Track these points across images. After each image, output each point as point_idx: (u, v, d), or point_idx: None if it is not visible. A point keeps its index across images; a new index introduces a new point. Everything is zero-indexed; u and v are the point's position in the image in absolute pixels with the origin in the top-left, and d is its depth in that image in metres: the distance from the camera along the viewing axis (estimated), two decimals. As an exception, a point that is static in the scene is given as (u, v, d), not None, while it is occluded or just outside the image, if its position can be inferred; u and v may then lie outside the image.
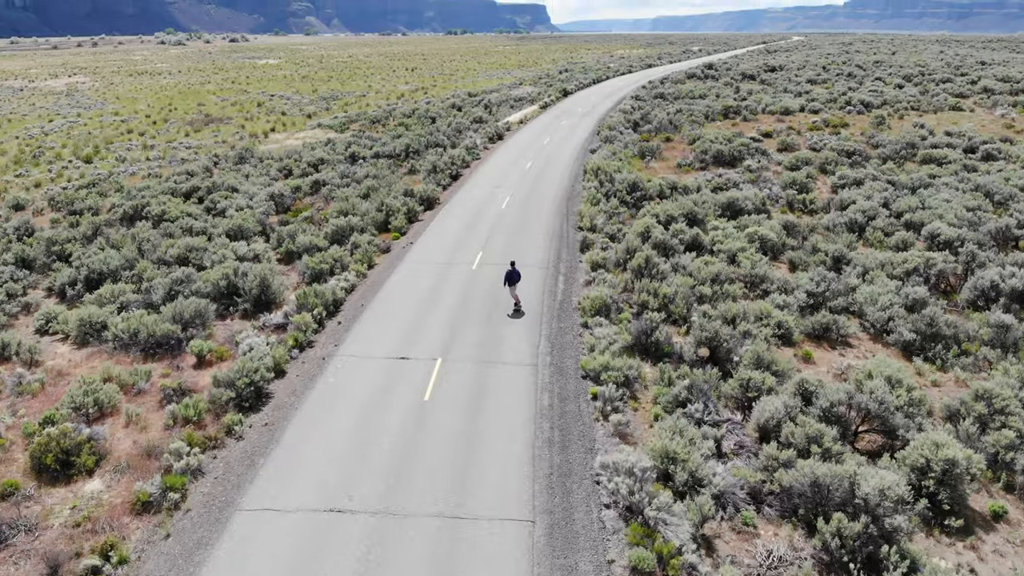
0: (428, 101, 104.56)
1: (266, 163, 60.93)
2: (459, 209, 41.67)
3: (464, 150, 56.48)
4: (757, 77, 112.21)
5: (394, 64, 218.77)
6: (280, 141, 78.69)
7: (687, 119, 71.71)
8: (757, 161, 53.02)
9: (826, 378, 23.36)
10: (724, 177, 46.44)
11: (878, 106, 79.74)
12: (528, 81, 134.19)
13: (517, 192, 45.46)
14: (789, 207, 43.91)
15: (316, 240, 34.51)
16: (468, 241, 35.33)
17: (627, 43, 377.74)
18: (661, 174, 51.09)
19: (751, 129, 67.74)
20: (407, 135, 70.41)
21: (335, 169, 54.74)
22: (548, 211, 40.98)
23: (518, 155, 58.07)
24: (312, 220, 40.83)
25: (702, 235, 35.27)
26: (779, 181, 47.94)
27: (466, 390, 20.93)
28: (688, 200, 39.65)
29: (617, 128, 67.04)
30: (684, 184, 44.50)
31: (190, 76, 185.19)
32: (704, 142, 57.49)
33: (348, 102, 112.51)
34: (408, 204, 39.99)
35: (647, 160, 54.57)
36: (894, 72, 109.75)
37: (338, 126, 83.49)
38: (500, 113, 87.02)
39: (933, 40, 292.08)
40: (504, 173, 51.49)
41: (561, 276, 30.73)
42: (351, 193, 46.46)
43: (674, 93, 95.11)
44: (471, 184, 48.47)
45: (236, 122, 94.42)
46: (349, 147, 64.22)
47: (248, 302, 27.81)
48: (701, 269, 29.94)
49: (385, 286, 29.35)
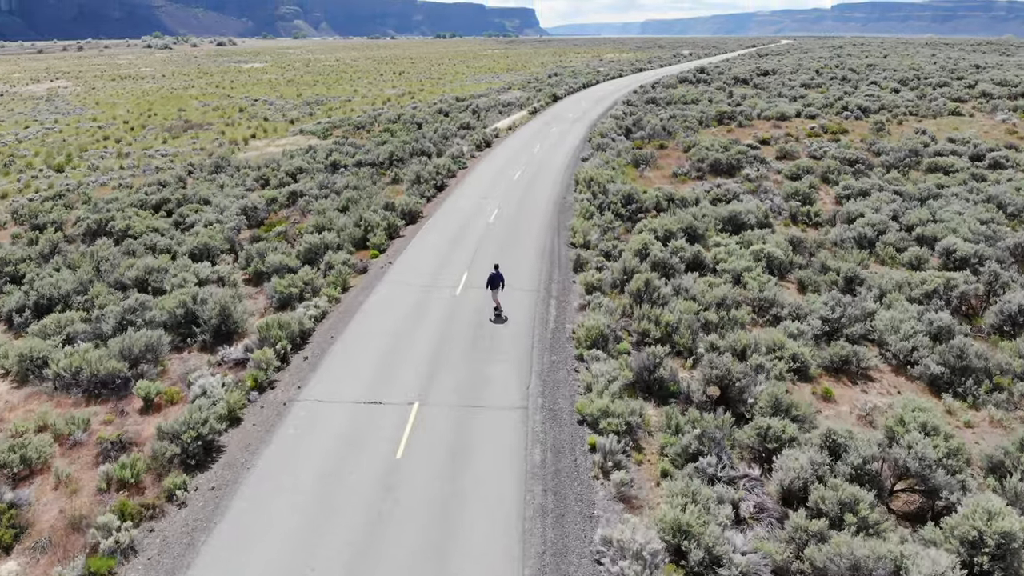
0: (415, 106, 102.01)
1: (243, 172, 58.23)
2: (444, 223, 39.07)
3: (450, 159, 53.92)
4: (750, 81, 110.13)
5: (381, 68, 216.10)
6: (260, 148, 75.97)
7: (681, 125, 69.45)
8: (756, 170, 50.73)
9: (849, 420, 20.97)
10: (723, 188, 44.10)
11: (876, 111, 77.73)
12: (517, 85, 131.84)
13: (506, 204, 42.93)
14: (792, 220, 41.61)
15: (287, 260, 31.88)
16: (452, 260, 32.72)
17: (616, 47, 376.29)
18: (657, 184, 48.71)
19: (747, 135, 65.51)
20: (392, 141, 67.86)
21: (314, 179, 52.12)
22: (538, 226, 38.45)
23: (507, 163, 55.58)
24: (286, 236, 38.21)
25: (704, 252, 32.86)
26: (780, 192, 45.64)
27: (445, 443, 18.33)
28: (687, 214, 37.25)
29: (609, 135, 64.67)
30: (682, 195, 42.12)
31: (173, 80, 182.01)
32: (700, 150, 55.17)
33: (333, 107, 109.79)
34: (389, 219, 37.36)
35: (641, 169, 52.21)
36: (889, 76, 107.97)
37: (321, 132, 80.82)
38: (488, 119, 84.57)
39: (922, 43, 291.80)
40: (492, 183, 48.98)
41: (553, 300, 28.18)
42: (329, 205, 43.85)
43: (666, 98, 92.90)
44: (457, 195, 45.92)
45: (216, 128, 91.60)
46: (330, 155, 61.58)
47: (207, 333, 25.17)
48: (705, 292, 27.51)
49: (359, 314, 26.68)
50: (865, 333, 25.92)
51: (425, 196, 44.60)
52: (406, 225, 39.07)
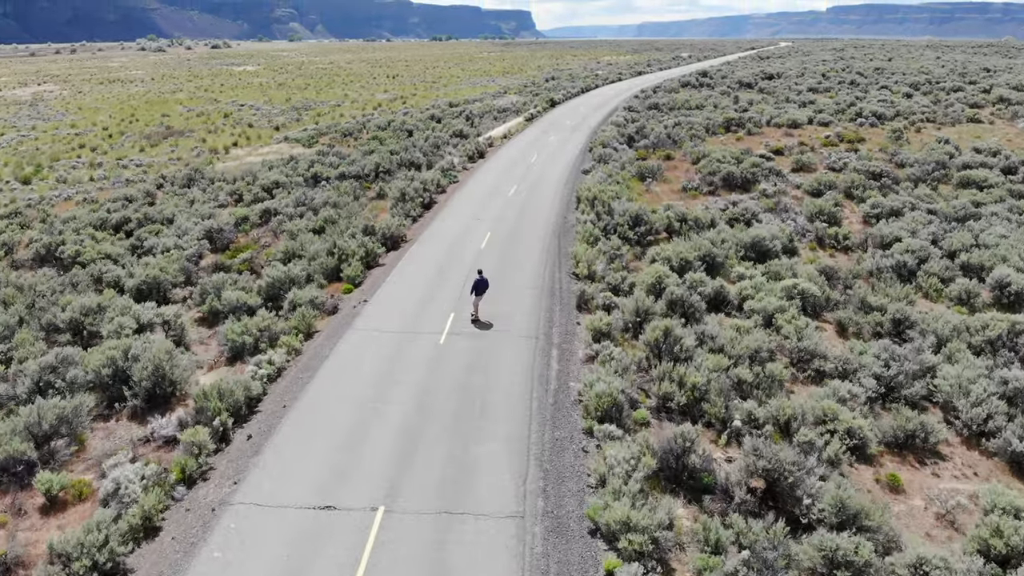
0: (406, 112, 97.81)
1: (217, 185, 53.96)
2: (429, 250, 34.73)
3: (440, 172, 49.64)
4: (755, 85, 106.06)
5: (375, 71, 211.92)
6: (241, 158, 71.71)
7: (687, 133, 65.34)
8: (773, 184, 46.59)
9: (926, 520, 16.82)
10: (740, 206, 39.93)
11: (891, 118, 73.72)
12: (513, 90, 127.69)
13: (499, 226, 38.68)
14: (819, 243, 37.47)
15: (247, 297, 27.63)
16: (437, 298, 28.37)
17: (613, 49, 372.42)
18: (665, 200, 44.55)
19: (758, 144, 61.41)
20: (379, 151, 63.66)
21: (292, 194, 47.88)
22: (536, 252, 34.19)
23: (501, 177, 51.35)
24: (252, 264, 33.94)
25: (726, 286, 28.70)
26: (802, 210, 41.51)
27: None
28: (704, 239, 33.07)
29: (611, 144, 60.52)
30: (695, 215, 37.94)
31: (162, 84, 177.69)
32: (711, 162, 51.04)
33: (321, 112, 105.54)
34: (367, 245, 32.98)
35: (648, 183, 48.04)
36: (899, 80, 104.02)
37: (306, 140, 76.58)
38: (483, 125, 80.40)
39: (923, 45, 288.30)
40: (485, 200, 44.71)
41: (555, 349, 23.90)
42: (304, 226, 39.62)
43: (669, 103, 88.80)
44: (446, 214, 41.64)
45: (198, 135, 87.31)
46: (312, 166, 57.33)
47: (139, 397, 20.93)
48: (735, 341, 23.32)
49: (321, 372, 22.25)
50: (928, 394, 21.79)
51: (411, 216, 40.30)
52: (387, 251, 34.66)
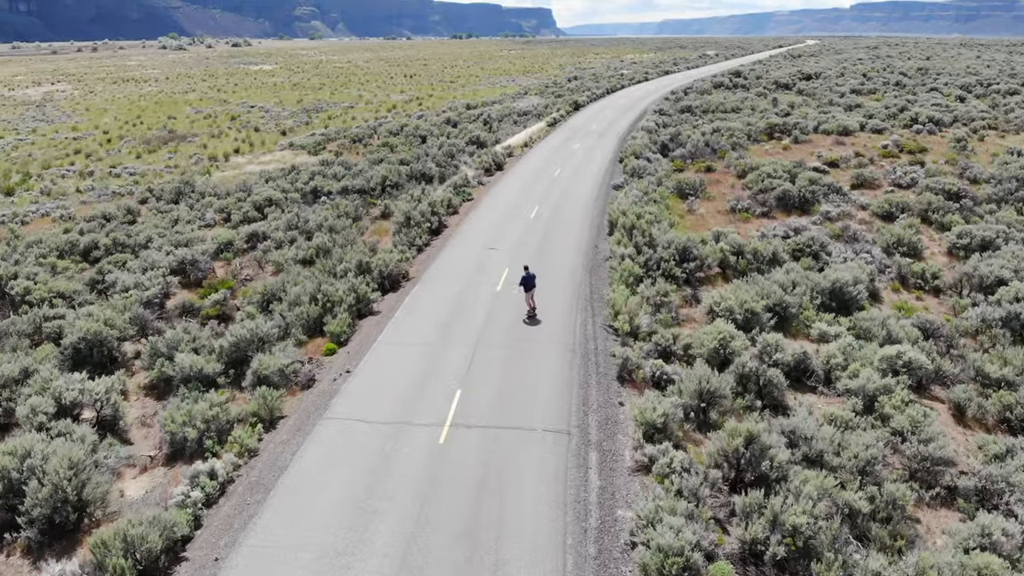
0: (420, 115, 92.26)
1: (206, 201, 48.68)
2: (434, 293, 28.79)
3: (452, 190, 43.87)
4: (793, 86, 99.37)
5: (392, 70, 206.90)
6: (241, 166, 66.55)
7: (727, 141, 59.17)
8: (836, 205, 40.42)
9: None
10: (804, 235, 33.79)
11: (949, 124, 67.06)
12: (534, 90, 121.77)
13: (519, 258, 32.78)
14: (901, 282, 31.33)
15: (205, 362, 22.06)
16: (440, 367, 22.31)
17: (636, 47, 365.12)
18: (712, 223, 38.55)
19: (809, 155, 55.14)
20: (389, 160, 58.14)
21: (286, 213, 42.41)
22: (563, 297, 28.31)
23: (521, 194, 45.48)
24: (224, 307, 28.43)
25: (808, 350, 22.71)
26: (875, 238, 35.38)
27: None
28: (771, 283, 27.06)
29: (643, 155, 54.51)
30: (753, 247, 31.91)
31: (176, 84, 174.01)
32: (760, 176, 44.94)
33: (332, 115, 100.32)
34: (358, 290, 27.18)
35: (690, 202, 42.02)
36: (948, 82, 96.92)
37: (312, 147, 71.24)
38: (501, 130, 74.65)
39: (957, 43, 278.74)
40: (502, 224, 38.88)
41: (593, 451, 17.98)
42: (292, 256, 34.09)
43: (702, 106, 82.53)
44: (457, 242, 35.84)
45: (200, 140, 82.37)
46: (313, 178, 51.88)
47: (35, 527, 15.40)
48: (837, 443, 17.39)
49: (275, 495, 16.23)
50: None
51: (416, 244, 34.51)
52: (383, 295, 28.86)
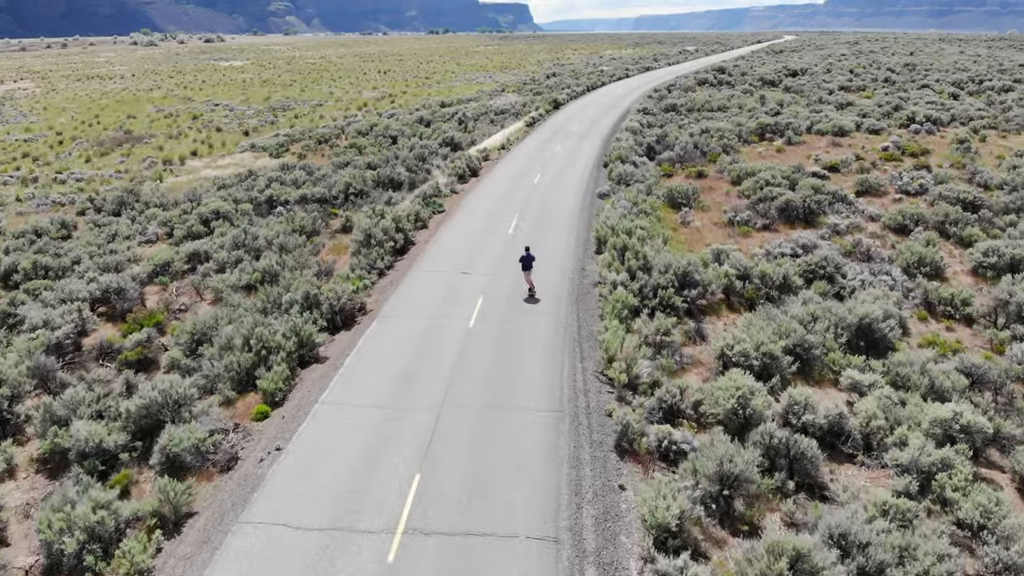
0: (392, 113, 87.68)
1: (150, 213, 44.07)
2: (393, 333, 24.09)
3: (421, 201, 39.53)
4: (779, 83, 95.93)
5: (366, 66, 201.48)
6: (196, 171, 61.80)
7: (717, 142, 55.39)
8: (844, 217, 36.70)
9: None
10: (816, 255, 29.92)
11: (947, 123, 63.83)
12: (511, 87, 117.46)
13: (495, 285, 28.65)
14: (927, 309, 27.61)
15: (105, 431, 17.75)
16: (393, 444, 17.57)
17: (614, 43, 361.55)
18: (709, 238, 34.68)
19: (805, 158, 51.50)
20: (355, 163, 53.75)
21: (236, 226, 37.95)
22: (547, 336, 24.03)
23: (498, 205, 41.28)
24: (147, 349, 24.05)
25: (843, 411, 18.80)
26: (892, 255, 31.68)
27: None
28: (789, 319, 23.15)
29: (629, 159, 50.56)
30: (761, 270, 28.02)
31: (142, 81, 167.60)
32: (758, 183, 41.14)
33: (299, 114, 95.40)
34: (301, 332, 22.72)
35: (683, 213, 38.11)
36: (940, 78, 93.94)
37: (274, 149, 66.57)
38: (477, 131, 70.40)
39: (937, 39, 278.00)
40: (476, 241, 34.63)
41: (590, 568, 13.80)
42: (235, 282, 29.72)
43: (687, 104, 78.78)
44: (424, 265, 31.54)
45: (156, 142, 77.30)
46: (269, 185, 47.38)
47: None
48: (901, 550, 13.50)
49: None
50: None
51: (376, 268, 30.18)
52: (334, 334, 24.48)
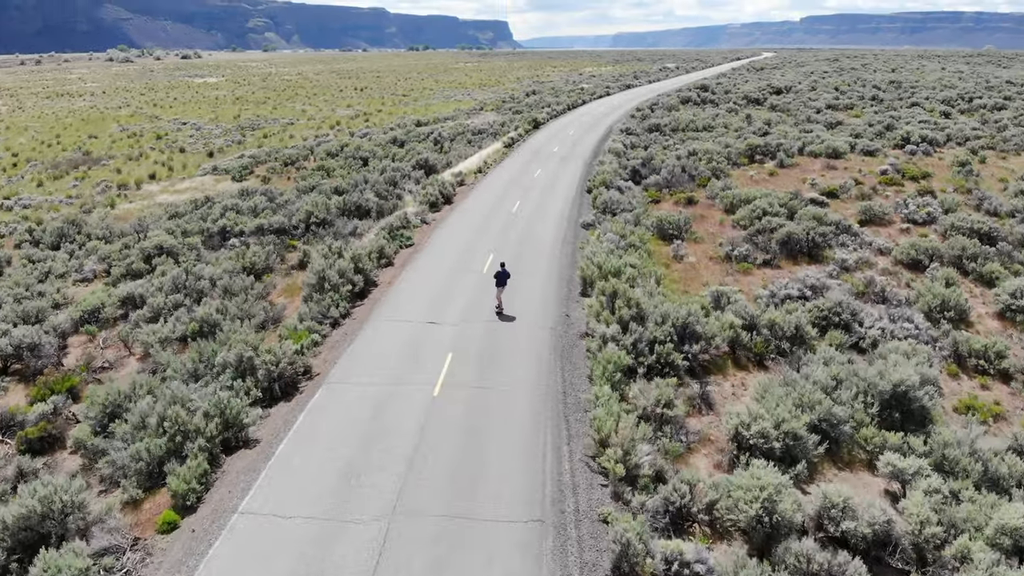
0: (366, 133, 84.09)
1: (91, 245, 40.09)
2: (342, 406, 20.02)
3: (386, 236, 35.73)
4: (764, 101, 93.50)
5: (343, 83, 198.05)
6: (152, 196, 57.82)
7: (706, 165, 52.30)
8: (851, 250, 33.47)
9: None
10: (828, 299, 26.56)
11: (943, 143, 61.27)
12: (490, 106, 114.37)
13: (466, 339, 24.79)
14: (957, 362, 24.30)
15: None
16: (329, 572, 13.78)
17: (593, 60, 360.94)
18: (706, 275, 31.29)
19: (800, 182, 48.49)
20: (321, 188, 50.05)
21: (177, 266, 34.04)
22: (528, 406, 20.35)
23: (472, 238, 37.60)
24: (54, 423, 20.11)
25: (889, 514, 15.30)
26: (909, 296, 28.44)
27: None
28: (810, 384, 19.67)
29: (614, 184, 47.26)
30: (769, 318, 24.56)
31: (112, 98, 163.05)
32: (754, 212, 37.89)
33: (268, 133, 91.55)
34: (228, 410, 18.87)
35: (675, 246, 34.69)
36: (929, 96, 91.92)
37: (237, 171, 62.67)
38: (453, 151, 66.96)
39: (915, 55, 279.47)
40: (447, 283, 30.86)
41: None
42: (167, 334, 25.83)
43: (671, 124, 75.89)
44: (386, 312, 27.59)
45: (114, 164, 73.16)
46: (224, 214, 43.51)
47: None
48: None
49: None
50: None
51: (329, 319, 26.33)
52: (271, 407, 20.65)
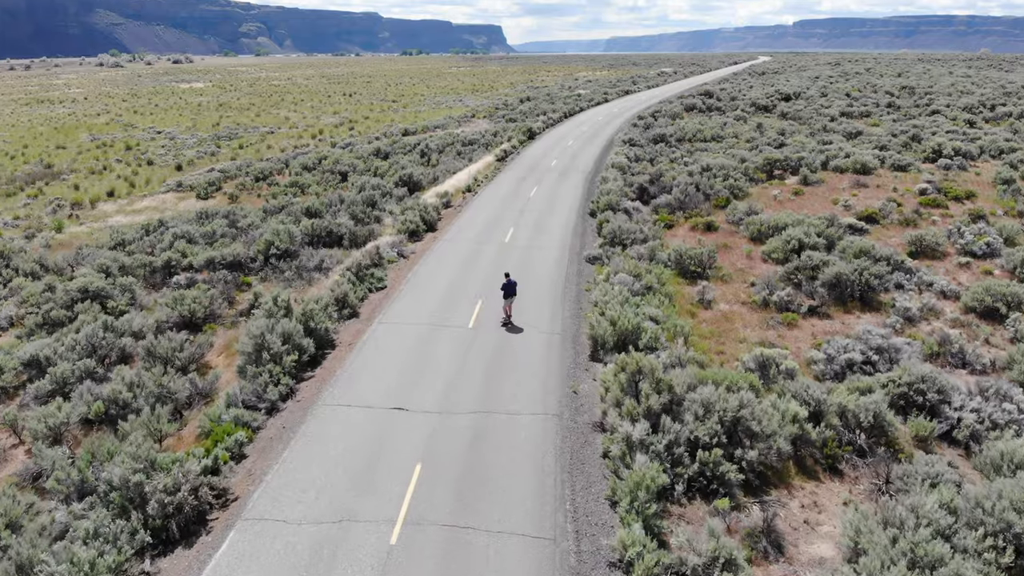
0: (349, 143, 78.38)
1: (16, 283, 34.28)
2: (264, 553, 14.30)
3: (352, 276, 29.93)
4: (773, 108, 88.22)
5: (332, 88, 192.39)
6: (107, 216, 52.13)
7: (722, 183, 46.80)
8: (911, 294, 27.90)
9: None
10: (912, 372, 20.92)
11: (976, 156, 55.94)
12: (482, 113, 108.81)
13: (441, 442, 18.52)
14: (1083, 457, 18.73)
15: None
16: None
17: (588, 64, 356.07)
18: (742, 330, 25.69)
19: (830, 203, 43.03)
20: (290, 208, 44.44)
21: (97, 318, 28.29)
22: (522, 561, 14.90)
23: (457, 277, 31.80)
24: None
25: None
26: (993, 356, 22.90)
27: None
28: (925, 535, 14.04)
29: (620, 205, 41.70)
30: (839, 404, 18.96)
31: (93, 105, 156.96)
32: (788, 243, 32.34)
33: (246, 143, 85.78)
34: (98, 568, 13.09)
35: (700, 288, 29.06)
36: (949, 103, 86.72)
37: (202, 188, 56.89)
38: (441, 164, 61.37)
39: (915, 58, 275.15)
40: (422, 347, 24.63)
41: None
42: (64, 418, 20.04)
43: (677, 133, 70.44)
44: (338, 396, 20.97)
45: (75, 179, 67.37)
46: (173, 244, 37.75)
47: None
48: None
49: None
50: None
51: (265, 403, 20.32)
52: (156, 561, 14.37)
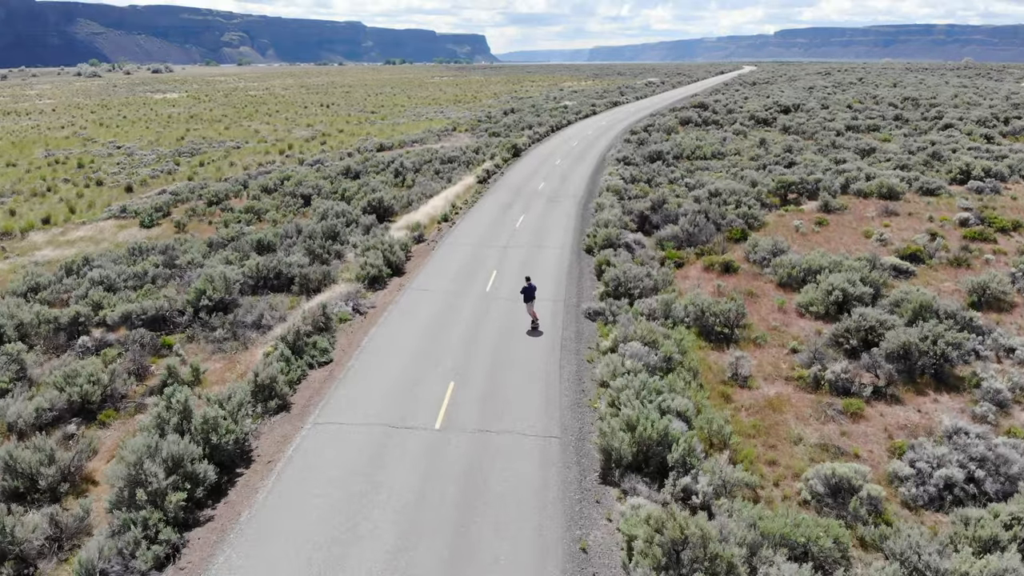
0: (317, 160, 72.12)
1: None
2: None
3: (288, 349, 23.54)
4: (774, 122, 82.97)
5: (310, 99, 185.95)
6: (35, 248, 45.78)
7: (733, 211, 41.08)
8: (990, 366, 22.14)
9: None
10: (1007, 477, 15.15)
11: (1007, 177, 50.67)
12: (464, 125, 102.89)
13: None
14: None
15: None
16: None
17: (572, 74, 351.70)
18: (792, 419, 19.81)
19: (861, 236, 37.41)
20: (240, 242, 38.27)
21: None
22: None
23: (423, 347, 25.22)
24: None
25: None
26: None
27: None
28: None
29: (621, 240, 35.80)
30: (962, 570, 13.10)
31: (59, 117, 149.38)
32: (830, 293, 26.56)
33: (208, 159, 79.28)
34: None
35: (732, 359, 23.12)
36: (962, 116, 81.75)
37: (148, 214, 50.44)
38: (417, 186, 55.33)
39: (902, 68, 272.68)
40: (371, 463, 17.82)
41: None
42: None
43: (674, 150, 64.83)
44: (254, 531, 15.45)
45: (13, 202, 60.70)
46: (89, 292, 31.43)
47: None
48: None
49: None
50: None
51: (148, 568, 14.40)
52: None
